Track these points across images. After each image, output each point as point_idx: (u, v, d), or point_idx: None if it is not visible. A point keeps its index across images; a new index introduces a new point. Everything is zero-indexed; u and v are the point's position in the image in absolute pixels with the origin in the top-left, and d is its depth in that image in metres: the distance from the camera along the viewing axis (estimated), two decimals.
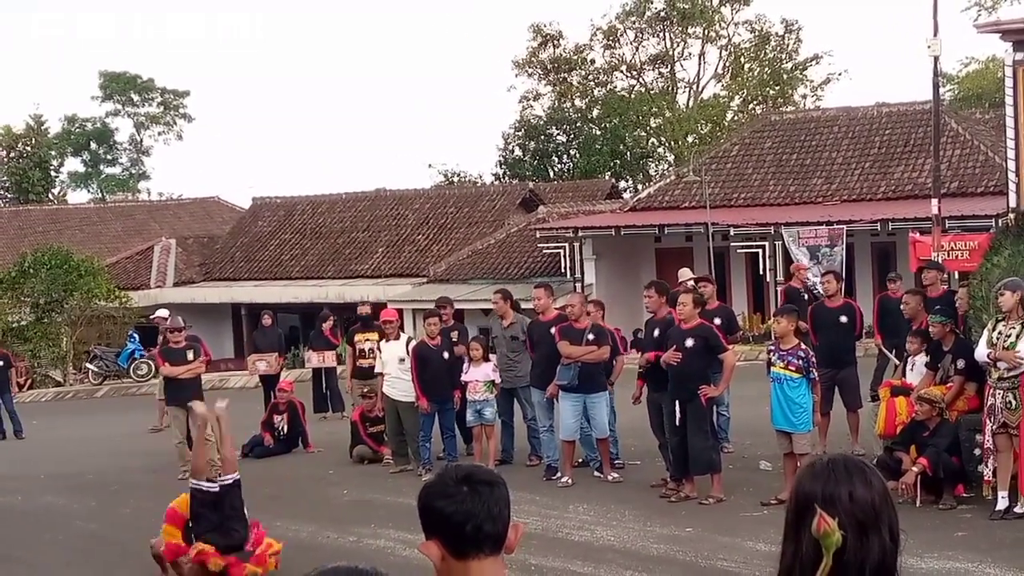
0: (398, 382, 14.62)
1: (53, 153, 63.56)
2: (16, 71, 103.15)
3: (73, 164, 70.14)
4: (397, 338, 15.04)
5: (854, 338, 13.67)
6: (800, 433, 11.48)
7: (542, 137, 55.78)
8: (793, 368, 11.48)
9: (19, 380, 28.02)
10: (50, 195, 61.46)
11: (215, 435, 9.73)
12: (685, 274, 16.59)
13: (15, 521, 13.44)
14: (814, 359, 11.69)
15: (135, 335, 31.16)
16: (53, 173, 63.75)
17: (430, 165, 68.62)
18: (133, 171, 72.32)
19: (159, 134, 72.52)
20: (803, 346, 11.76)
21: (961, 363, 11.44)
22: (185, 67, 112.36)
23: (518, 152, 56.32)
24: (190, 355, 15.63)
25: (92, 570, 11.01)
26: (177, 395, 15.55)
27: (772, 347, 12.06)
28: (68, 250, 35.28)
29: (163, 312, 22.09)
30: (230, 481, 9.60)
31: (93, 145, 70.65)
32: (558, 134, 56.34)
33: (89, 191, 70.32)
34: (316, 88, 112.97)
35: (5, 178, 60.61)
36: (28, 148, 60.64)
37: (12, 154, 60.43)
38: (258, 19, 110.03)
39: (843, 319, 13.38)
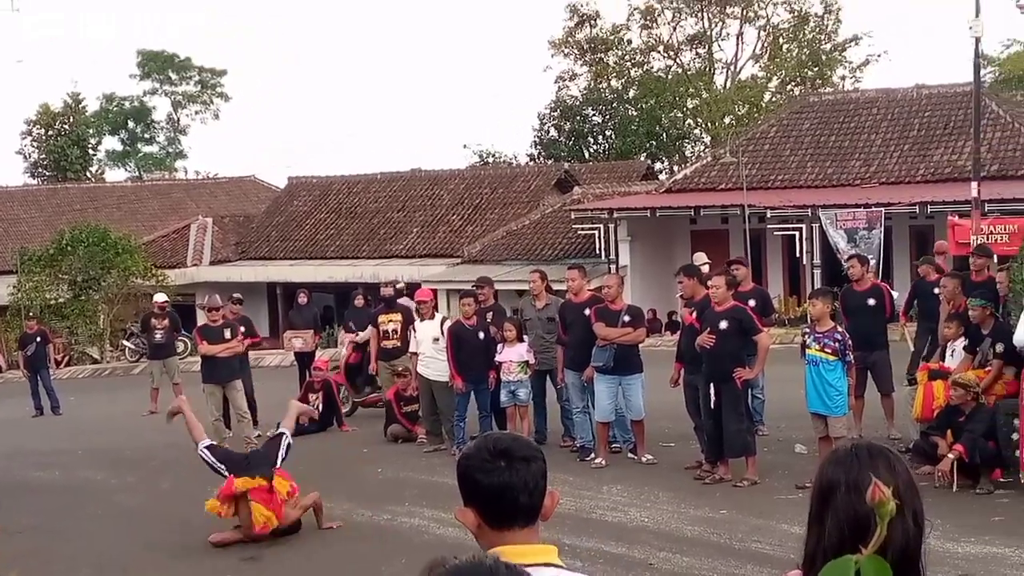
0: (432, 361, 14.66)
1: (91, 131, 63.95)
2: (54, 49, 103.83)
3: (111, 142, 70.72)
4: (432, 318, 15.08)
5: (884, 321, 13.54)
6: (835, 416, 11.42)
7: (578, 118, 55.65)
8: (829, 351, 11.41)
9: (56, 357, 28.29)
10: (88, 173, 61.87)
11: None
12: (700, 258, 16.48)
13: (55, 495, 13.57)
14: (851, 342, 11.62)
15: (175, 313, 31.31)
16: (91, 151, 64.14)
17: (465, 145, 68.80)
18: (170, 150, 72.76)
19: (196, 113, 73.01)
20: (839, 328, 11.69)
21: (1000, 347, 11.34)
22: (222, 47, 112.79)
23: (553, 133, 56.22)
24: (227, 333, 15.73)
25: (132, 544, 11.10)
26: (214, 373, 15.67)
27: (807, 329, 12.01)
28: (105, 228, 35.53)
29: (160, 297, 22.23)
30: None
31: (131, 124, 71.08)
32: (594, 115, 56.18)
33: (126, 169, 70.86)
34: (352, 69, 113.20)
35: (43, 156, 61.02)
36: (66, 126, 61.02)
37: (50, 132, 60.82)
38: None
39: (871, 301, 13.24)
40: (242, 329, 17.13)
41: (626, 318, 12.96)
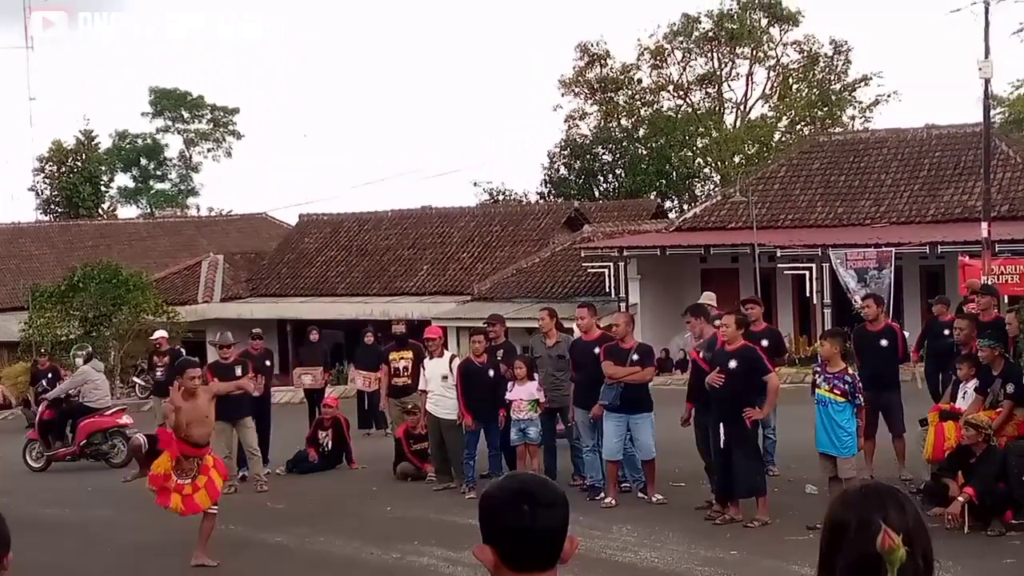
0: (441, 400, 14.63)
1: (103, 168, 64.27)
2: (67, 86, 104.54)
3: (123, 179, 71.09)
4: (441, 355, 15.05)
5: (897, 361, 13.51)
6: (844, 457, 11.39)
7: (588, 156, 55.85)
8: (839, 392, 11.39)
9: None
10: (100, 210, 62.12)
11: None
12: (708, 297, 16.38)
13: (64, 533, 13.58)
14: (860, 385, 11.60)
15: (182, 350, 31.33)
16: (103, 188, 64.45)
17: (475, 183, 68.71)
18: (182, 187, 73.12)
19: (208, 151, 73.45)
20: (849, 371, 11.67)
21: (1010, 388, 11.33)
22: (235, 85, 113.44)
23: (563, 171, 56.40)
24: (238, 371, 15.73)
25: None
26: (225, 411, 15.62)
27: (818, 369, 11.99)
28: (117, 265, 35.64)
29: (161, 333, 22.37)
30: None
31: (143, 161, 71.51)
32: (604, 153, 56.37)
33: (138, 206, 71.23)
34: (363, 106, 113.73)
35: (55, 193, 61.33)
36: (78, 163, 61.35)
37: (63, 169, 61.15)
38: (308, 39, 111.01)
39: (884, 342, 13.22)
40: (267, 363, 17.31)
41: (635, 356, 12.95)
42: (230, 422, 15.62)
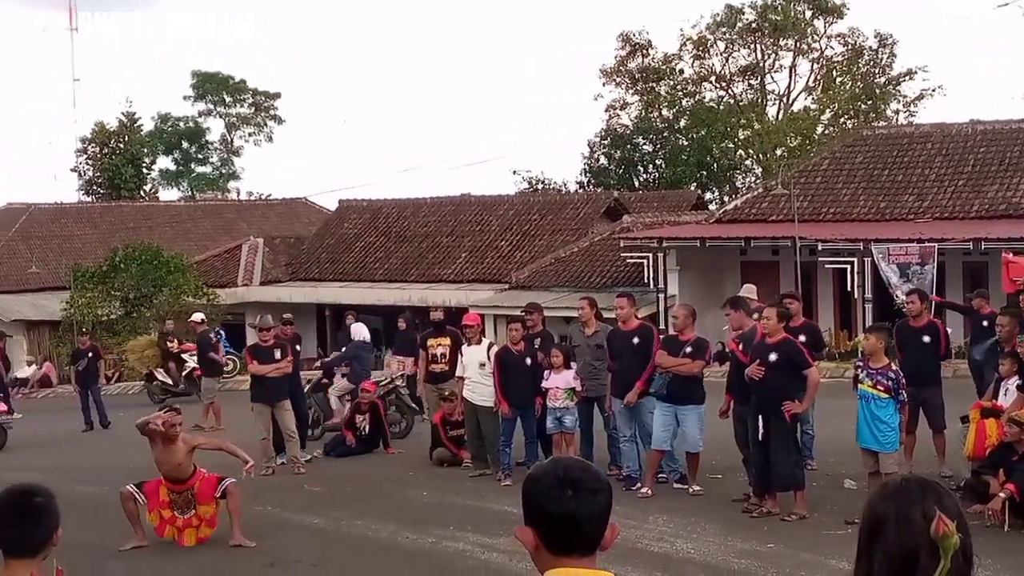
0: (478, 387, 14.67)
1: (145, 150, 64.70)
2: (110, 68, 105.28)
3: (165, 162, 71.51)
4: (479, 343, 15.09)
5: (938, 358, 13.41)
6: (886, 452, 11.32)
7: (628, 146, 55.70)
8: (882, 388, 11.30)
9: (107, 372, 28.57)
10: (141, 192, 62.55)
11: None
12: (748, 290, 16.26)
13: (103, 511, 13.66)
14: (903, 380, 11.51)
15: (221, 332, 31.57)
16: (145, 170, 64.90)
17: (515, 171, 68.48)
18: (223, 170, 73.48)
19: (249, 135, 73.74)
20: (893, 367, 11.58)
21: None
22: (277, 69, 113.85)
23: (603, 161, 56.28)
24: (277, 354, 15.81)
25: (176, 559, 11.18)
26: (263, 393, 15.74)
27: (861, 364, 11.90)
28: (158, 246, 35.95)
29: (197, 316, 22.73)
30: None
31: (185, 144, 71.89)
32: (644, 143, 56.20)
33: (180, 189, 71.63)
34: (404, 93, 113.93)
35: (98, 174, 61.78)
36: (121, 145, 61.76)
37: (105, 150, 61.59)
38: (350, 25, 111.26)
39: (926, 339, 13.13)
40: (297, 347, 17.39)
41: (687, 349, 12.96)
42: (268, 404, 15.72)
